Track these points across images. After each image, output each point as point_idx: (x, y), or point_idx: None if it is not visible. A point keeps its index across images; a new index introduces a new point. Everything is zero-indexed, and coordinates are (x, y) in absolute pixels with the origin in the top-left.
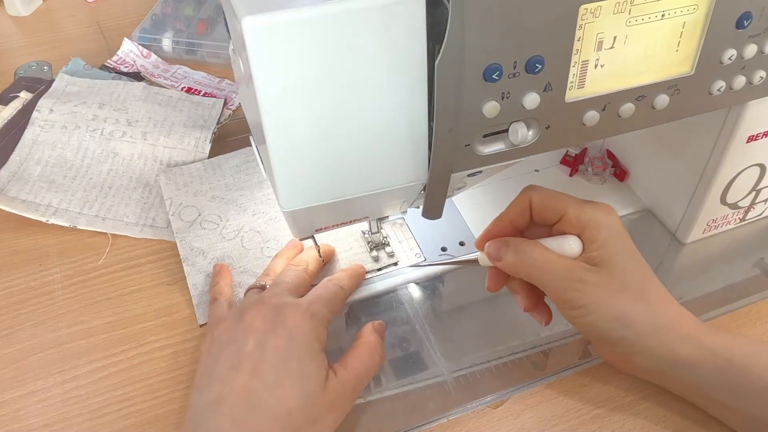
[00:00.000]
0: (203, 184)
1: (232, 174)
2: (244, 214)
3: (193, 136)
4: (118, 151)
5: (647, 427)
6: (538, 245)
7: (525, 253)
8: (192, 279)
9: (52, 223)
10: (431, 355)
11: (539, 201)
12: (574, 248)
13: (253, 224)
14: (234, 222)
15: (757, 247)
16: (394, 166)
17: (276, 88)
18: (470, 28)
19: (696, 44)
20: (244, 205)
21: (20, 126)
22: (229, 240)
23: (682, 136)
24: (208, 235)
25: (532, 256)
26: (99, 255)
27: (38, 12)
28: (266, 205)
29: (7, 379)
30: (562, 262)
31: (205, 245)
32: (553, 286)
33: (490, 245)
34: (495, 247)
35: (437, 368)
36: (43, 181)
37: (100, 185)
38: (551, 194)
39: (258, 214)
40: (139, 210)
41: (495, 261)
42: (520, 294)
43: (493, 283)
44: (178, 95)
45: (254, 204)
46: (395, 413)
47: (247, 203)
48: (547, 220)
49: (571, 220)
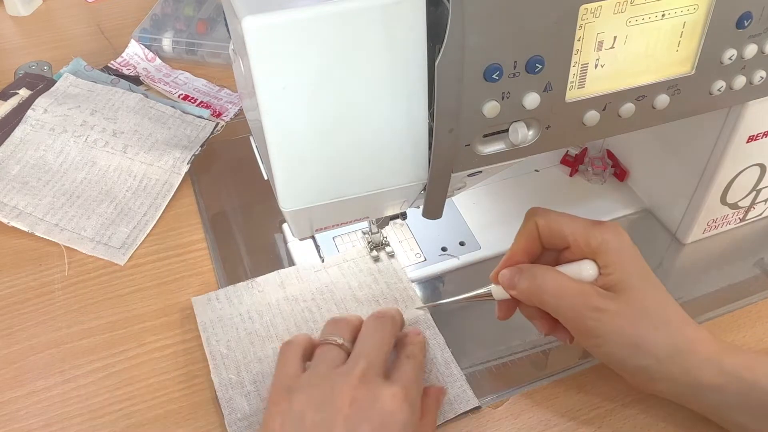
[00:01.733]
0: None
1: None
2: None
3: (172, 155)
4: (96, 161)
5: (648, 427)
6: (552, 270)
7: (538, 279)
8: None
9: (12, 225)
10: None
11: (545, 227)
12: (590, 273)
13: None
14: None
15: (757, 247)
16: (394, 166)
17: (276, 88)
18: (470, 28)
19: (696, 44)
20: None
21: (13, 124)
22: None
23: (682, 136)
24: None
25: (545, 281)
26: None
27: (38, 12)
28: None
29: (7, 379)
30: (577, 288)
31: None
32: (569, 314)
33: (504, 274)
34: (509, 275)
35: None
36: (17, 181)
37: (69, 193)
38: (555, 219)
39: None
40: (98, 225)
41: (509, 289)
42: (538, 320)
43: (504, 312)
44: (171, 112)
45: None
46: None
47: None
48: (556, 246)
49: (580, 247)
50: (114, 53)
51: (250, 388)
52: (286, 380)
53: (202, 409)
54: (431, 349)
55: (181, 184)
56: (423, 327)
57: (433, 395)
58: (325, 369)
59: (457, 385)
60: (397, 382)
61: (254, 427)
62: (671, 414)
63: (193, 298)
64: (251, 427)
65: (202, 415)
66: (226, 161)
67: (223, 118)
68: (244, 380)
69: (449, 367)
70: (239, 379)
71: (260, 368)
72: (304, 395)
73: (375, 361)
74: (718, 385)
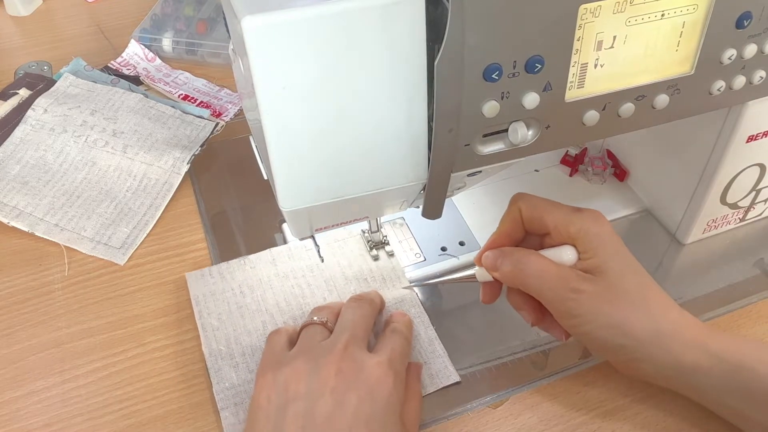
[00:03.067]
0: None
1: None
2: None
3: (172, 155)
4: (96, 161)
5: (648, 427)
6: (534, 254)
7: (521, 262)
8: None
9: (12, 225)
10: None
11: (527, 212)
12: (570, 257)
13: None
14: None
15: (757, 247)
16: (393, 166)
17: (276, 88)
18: (470, 28)
19: (696, 44)
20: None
21: (13, 124)
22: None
23: (682, 136)
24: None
25: (527, 264)
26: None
27: (38, 12)
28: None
29: (7, 379)
30: (557, 271)
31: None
32: (549, 295)
33: (487, 256)
34: (492, 258)
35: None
36: (17, 181)
37: (69, 193)
38: (538, 205)
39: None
40: (98, 225)
41: (492, 271)
42: (525, 310)
43: (487, 296)
44: (171, 112)
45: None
46: None
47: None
48: (538, 232)
49: (560, 233)
50: (114, 53)
51: (239, 360)
52: (273, 358)
53: (202, 409)
54: (416, 326)
55: (181, 184)
56: (408, 306)
57: (413, 370)
58: (309, 344)
59: (439, 362)
60: (381, 352)
61: (241, 396)
62: (671, 413)
63: (187, 274)
64: (238, 396)
65: (202, 415)
66: (226, 161)
67: (223, 118)
68: (233, 352)
69: (432, 344)
70: (229, 351)
71: (249, 341)
72: (290, 369)
73: (358, 334)
74: (703, 367)
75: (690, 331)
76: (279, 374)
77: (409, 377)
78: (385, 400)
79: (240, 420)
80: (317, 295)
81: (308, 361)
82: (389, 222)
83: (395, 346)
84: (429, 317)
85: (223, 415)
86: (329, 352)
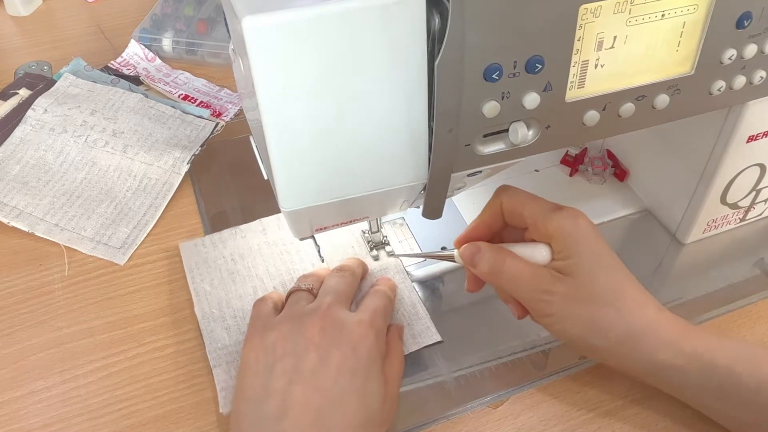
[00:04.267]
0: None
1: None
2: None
3: (172, 155)
4: (96, 161)
5: (648, 427)
6: (509, 255)
7: (496, 264)
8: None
9: (12, 225)
10: (431, 355)
11: (508, 206)
12: (545, 256)
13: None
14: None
15: (757, 247)
16: (394, 166)
17: (276, 88)
18: (470, 27)
19: (696, 44)
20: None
21: (13, 124)
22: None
23: (682, 136)
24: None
25: (502, 267)
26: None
27: (38, 12)
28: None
29: (7, 379)
30: (530, 272)
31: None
32: (523, 296)
33: (465, 249)
34: (469, 253)
35: (437, 368)
36: (17, 181)
37: (69, 193)
38: (519, 200)
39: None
40: (98, 225)
41: (468, 266)
42: (512, 303)
43: (472, 285)
44: (171, 112)
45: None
46: (396, 413)
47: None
48: (517, 225)
49: (538, 229)
50: (114, 53)
51: (230, 322)
52: (260, 322)
53: (202, 409)
54: (399, 290)
55: (181, 184)
56: (393, 272)
57: (395, 330)
58: (295, 308)
59: (421, 323)
60: (363, 311)
61: (233, 356)
62: (671, 413)
63: (181, 244)
64: (230, 355)
65: (202, 415)
66: (226, 161)
67: (223, 118)
68: (225, 315)
69: (415, 307)
70: (221, 314)
71: (240, 305)
72: (277, 331)
73: (341, 297)
74: (677, 366)
75: (665, 330)
76: (266, 337)
77: (391, 336)
78: (367, 355)
79: (231, 376)
80: (306, 261)
81: (294, 324)
82: (389, 222)
83: (377, 306)
84: (429, 318)
85: (215, 372)
86: (314, 313)
